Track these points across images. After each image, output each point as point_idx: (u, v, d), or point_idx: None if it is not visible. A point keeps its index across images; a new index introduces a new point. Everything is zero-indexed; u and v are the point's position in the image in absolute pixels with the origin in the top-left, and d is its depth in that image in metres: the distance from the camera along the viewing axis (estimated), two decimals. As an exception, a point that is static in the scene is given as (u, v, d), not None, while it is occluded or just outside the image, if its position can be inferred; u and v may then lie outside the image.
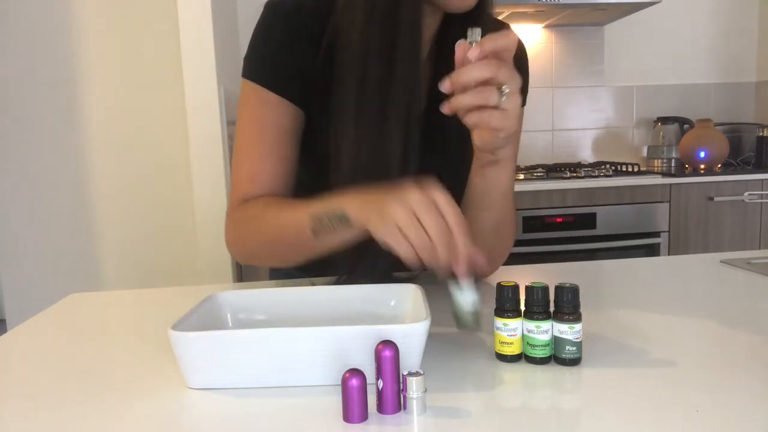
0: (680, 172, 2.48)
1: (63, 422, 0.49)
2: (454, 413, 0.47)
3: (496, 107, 0.61)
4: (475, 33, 0.62)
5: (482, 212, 0.79)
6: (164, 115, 2.39)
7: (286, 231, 0.74)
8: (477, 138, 0.66)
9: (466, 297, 0.58)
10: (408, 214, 0.58)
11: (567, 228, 2.25)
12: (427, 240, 0.57)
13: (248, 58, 0.82)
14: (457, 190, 0.78)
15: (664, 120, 2.72)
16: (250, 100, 0.82)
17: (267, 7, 0.82)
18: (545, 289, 0.57)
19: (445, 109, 0.62)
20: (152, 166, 2.39)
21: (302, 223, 0.70)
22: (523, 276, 0.91)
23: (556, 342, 0.56)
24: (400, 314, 0.65)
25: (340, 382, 0.47)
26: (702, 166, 2.45)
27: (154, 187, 2.37)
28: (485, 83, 0.61)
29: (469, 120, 0.63)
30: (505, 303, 0.57)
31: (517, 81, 0.62)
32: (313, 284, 0.79)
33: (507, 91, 0.60)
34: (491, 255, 0.85)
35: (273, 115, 0.81)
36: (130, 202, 2.42)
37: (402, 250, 0.58)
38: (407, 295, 0.65)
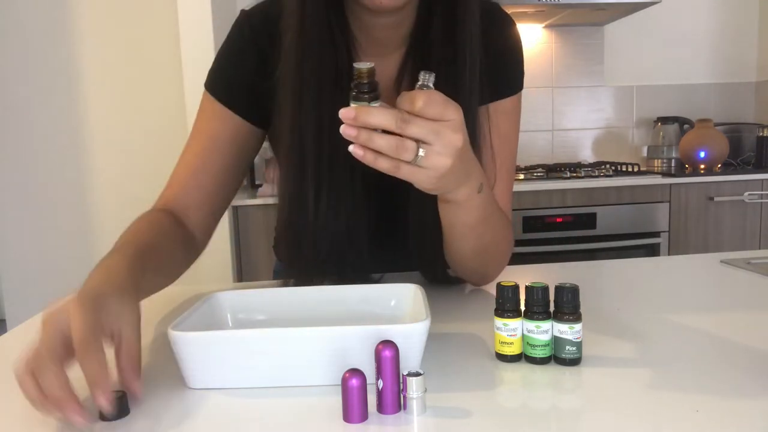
0: (680, 172, 2.48)
1: (62, 422, 0.49)
2: (454, 413, 0.47)
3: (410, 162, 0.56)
4: (427, 77, 0.56)
5: (455, 242, 0.75)
6: (164, 116, 2.39)
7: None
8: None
9: None
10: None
11: (567, 228, 2.25)
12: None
13: (210, 69, 0.84)
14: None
15: (664, 120, 2.72)
16: (201, 108, 0.83)
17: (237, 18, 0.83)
18: (545, 289, 0.57)
19: (348, 132, 0.55)
20: (152, 167, 2.39)
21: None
22: (523, 276, 0.91)
23: (556, 342, 0.56)
24: (400, 314, 0.65)
25: (340, 382, 0.47)
26: (702, 166, 2.45)
27: (153, 188, 2.36)
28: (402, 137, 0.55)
29: (379, 164, 0.57)
30: (505, 303, 0.57)
31: (447, 142, 0.55)
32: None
33: (423, 154, 0.55)
34: (479, 273, 0.82)
35: (213, 124, 0.81)
36: (129, 203, 2.41)
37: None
38: (407, 295, 0.65)
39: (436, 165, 0.56)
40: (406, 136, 0.55)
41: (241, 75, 0.81)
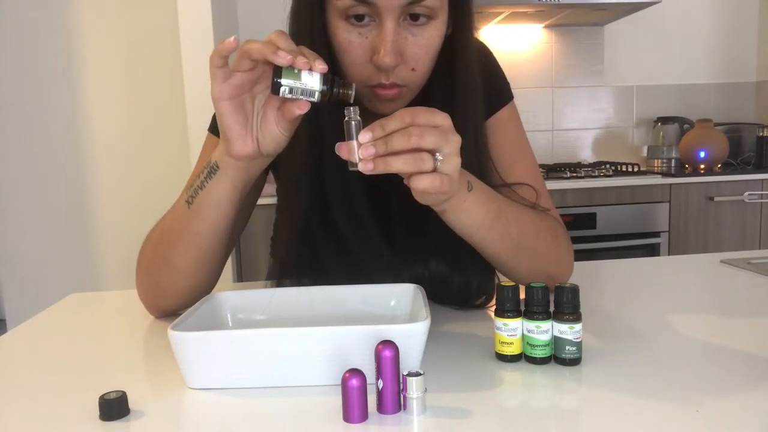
0: (680, 172, 2.48)
1: (63, 422, 0.49)
2: (454, 413, 0.47)
3: (433, 170, 0.57)
4: (352, 111, 0.57)
5: (485, 250, 0.72)
6: (164, 116, 2.39)
7: (166, 221, 0.74)
8: (416, 197, 0.61)
9: (313, 77, 0.58)
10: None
11: (567, 228, 2.24)
12: (263, 42, 0.58)
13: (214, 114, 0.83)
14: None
15: (664, 120, 2.72)
16: (204, 148, 0.83)
17: None
18: (545, 289, 0.57)
19: (367, 167, 0.56)
20: (152, 167, 2.39)
21: (178, 203, 0.71)
22: (523, 276, 0.91)
23: (556, 342, 0.56)
24: (400, 314, 0.65)
25: (340, 382, 0.47)
26: (702, 166, 2.45)
27: (153, 187, 2.37)
28: (416, 150, 0.56)
29: (410, 184, 0.59)
30: (505, 303, 0.57)
31: (452, 143, 0.57)
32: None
33: (441, 158, 0.57)
34: (539, 272, 0.76)
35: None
36: (129, 202, 2.42)
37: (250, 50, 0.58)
38: (407, 295, 0.65)
39: (454, 167, 0.58)
40: (423, 147, 0.56)
41: None
